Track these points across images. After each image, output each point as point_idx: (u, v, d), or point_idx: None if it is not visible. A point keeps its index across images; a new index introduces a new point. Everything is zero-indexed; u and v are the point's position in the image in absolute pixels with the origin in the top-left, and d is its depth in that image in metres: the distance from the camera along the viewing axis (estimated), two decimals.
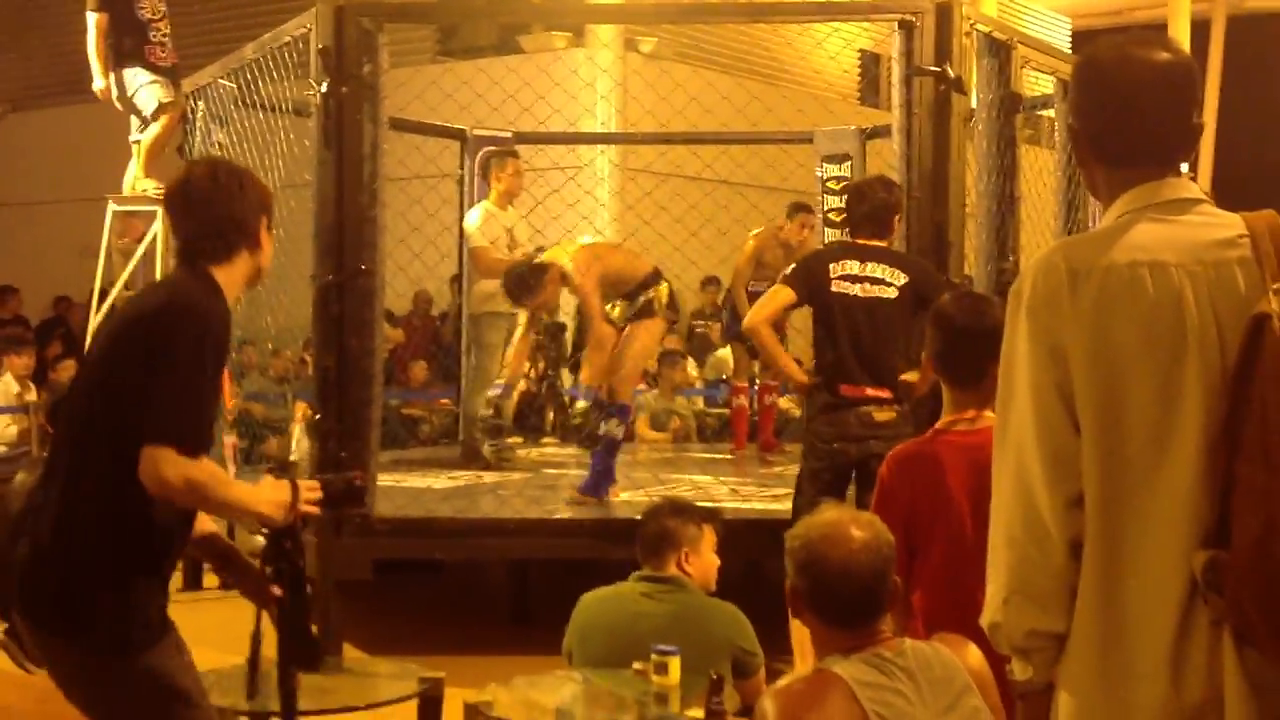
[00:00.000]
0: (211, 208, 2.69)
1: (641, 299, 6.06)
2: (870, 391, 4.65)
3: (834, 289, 4.72)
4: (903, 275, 4.74)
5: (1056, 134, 7.11)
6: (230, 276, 2.69)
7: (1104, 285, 1.89)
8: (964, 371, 2.97)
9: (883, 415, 4.64)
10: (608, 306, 6.09)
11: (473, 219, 7.46)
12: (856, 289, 4.71)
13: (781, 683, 2.30)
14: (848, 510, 2.45)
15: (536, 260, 6.32)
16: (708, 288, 11.71)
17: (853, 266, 4.74)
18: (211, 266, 2.67)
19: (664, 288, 6.11)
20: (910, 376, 4.63)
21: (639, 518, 4.07)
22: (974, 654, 2.36)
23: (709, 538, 3.90)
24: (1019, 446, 1.93)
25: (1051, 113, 7.24)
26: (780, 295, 4.79)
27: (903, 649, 2.31)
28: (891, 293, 4.71)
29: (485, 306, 7.29)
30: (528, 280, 6.22)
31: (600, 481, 6.12)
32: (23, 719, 3.19)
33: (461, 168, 8.80)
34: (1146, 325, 1.88)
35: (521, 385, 7.83)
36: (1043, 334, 1.92)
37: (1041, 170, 7.01)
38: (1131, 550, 1.87)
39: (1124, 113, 1.97)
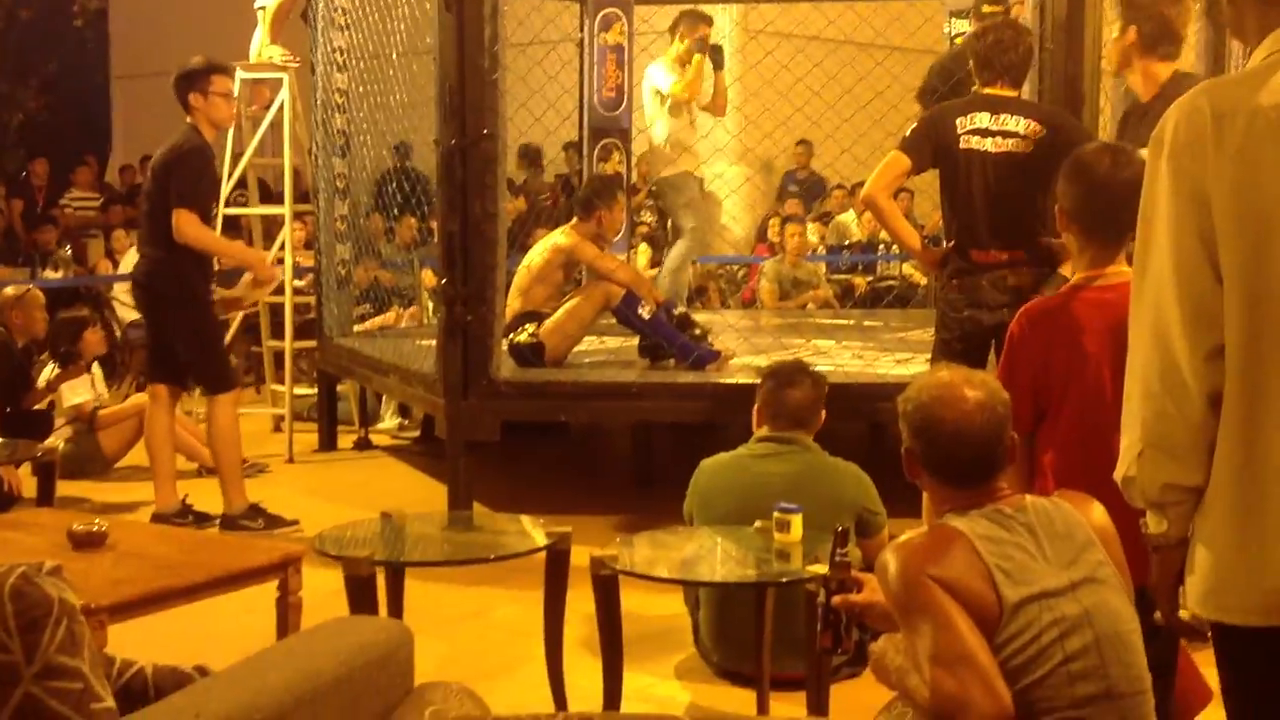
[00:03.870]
0: None
1: None
2: (1004, 255, 4.30)
3: (962, 145, 4.35)
4: (1040, 127, 4.34)
5: None
6: None
7: (1250, 128, 1.82)
8: (1102, 224, 2.87)
9: (1018, 279, 4.27)
10: None
11: (665, 83, 7.39)
12: (988, 143, 4.33)
13: (902, 538, 2.31)
14: (960, 370, 2.41)
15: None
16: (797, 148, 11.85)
17: (983, 119, 4.36)
18: None
19: None
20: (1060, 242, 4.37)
21: (755, 382, 4.09)
22: (1097, 510, 2.34)
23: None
24: (1157, 297, 1.88)
25: None
26: (898, 163, 4.41)
27: (1023, 504, 2.30)
28: (1027, 146, 4.32)
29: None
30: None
31: (688, 350, 6.09)
32: (173, 568, 3.34)
33: (581, 29, 8.71)
34: None
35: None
36: (1185, 179, 1.85)
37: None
38: (1275, 404, 1.82)
39: None
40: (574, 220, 6.37)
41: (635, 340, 6.47)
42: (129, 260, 9.91)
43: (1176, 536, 1.94)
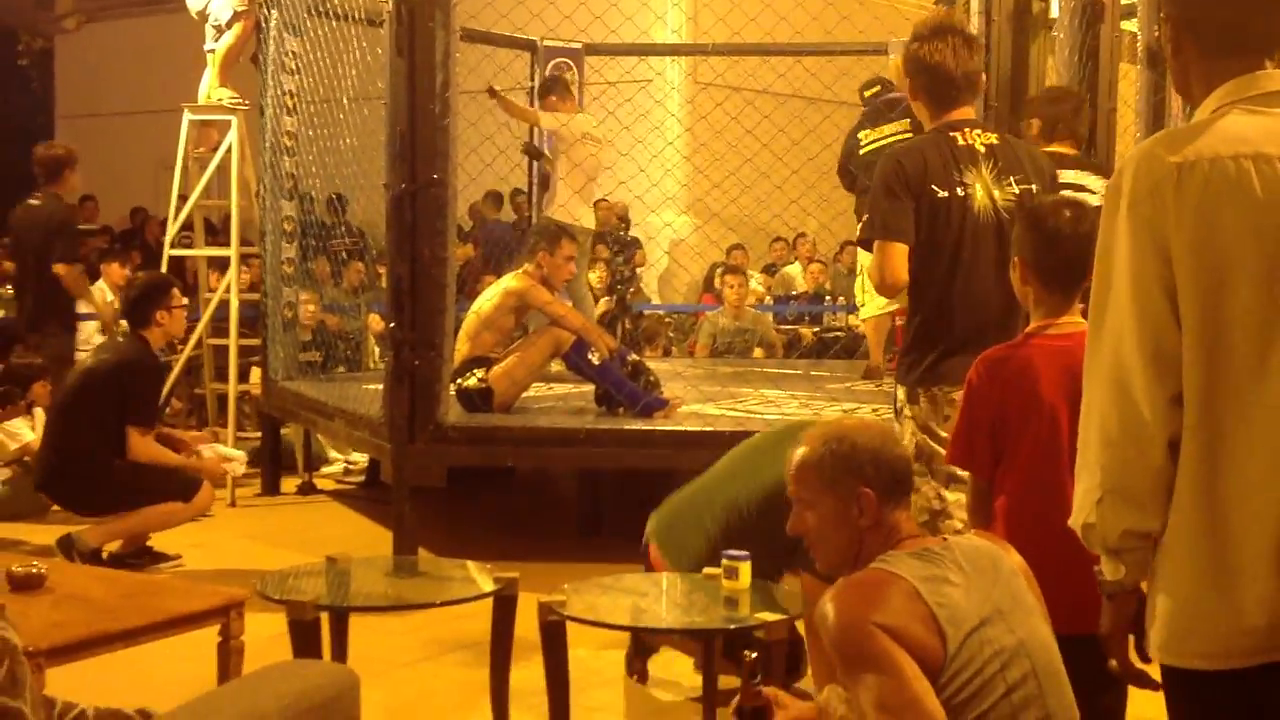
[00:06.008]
0: None
1: None
2: None
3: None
4: None
5: (1139, 46, 6.94)
6: None
7: (1209, 178, 1.85)
8: (1059, 275, 2.92)
9: None
10: None
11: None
12: None
13: (840, 582, 2.31)
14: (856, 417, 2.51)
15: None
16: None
17: None
18: None
19: None
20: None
21: (704, 429, 4.10)
22: (1014, 554, 2.41)
23: None
24: (1116, 344, 1.89)
25: (1134, 24, 7.04)
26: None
27: (948, 544, 2.36)
28: None
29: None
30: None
31: (636, 397, 6.07)
32: (112, 611, 3.29)
33: (532, 78, 8.77)
34: (1253, 219, 1.83)
35: (604, 305, 7.85)
36: (1145, 228, 1.87)
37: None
38: (1234, 448, 1.84)
39: None
40: (524, 266, 6.39)
41: (583, 387, 6.46)
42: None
43: (1132, 583, 1.95)
